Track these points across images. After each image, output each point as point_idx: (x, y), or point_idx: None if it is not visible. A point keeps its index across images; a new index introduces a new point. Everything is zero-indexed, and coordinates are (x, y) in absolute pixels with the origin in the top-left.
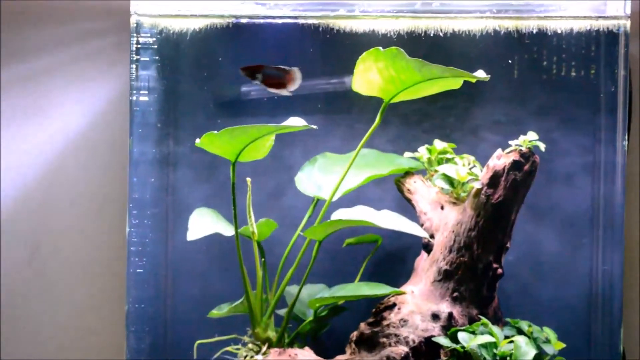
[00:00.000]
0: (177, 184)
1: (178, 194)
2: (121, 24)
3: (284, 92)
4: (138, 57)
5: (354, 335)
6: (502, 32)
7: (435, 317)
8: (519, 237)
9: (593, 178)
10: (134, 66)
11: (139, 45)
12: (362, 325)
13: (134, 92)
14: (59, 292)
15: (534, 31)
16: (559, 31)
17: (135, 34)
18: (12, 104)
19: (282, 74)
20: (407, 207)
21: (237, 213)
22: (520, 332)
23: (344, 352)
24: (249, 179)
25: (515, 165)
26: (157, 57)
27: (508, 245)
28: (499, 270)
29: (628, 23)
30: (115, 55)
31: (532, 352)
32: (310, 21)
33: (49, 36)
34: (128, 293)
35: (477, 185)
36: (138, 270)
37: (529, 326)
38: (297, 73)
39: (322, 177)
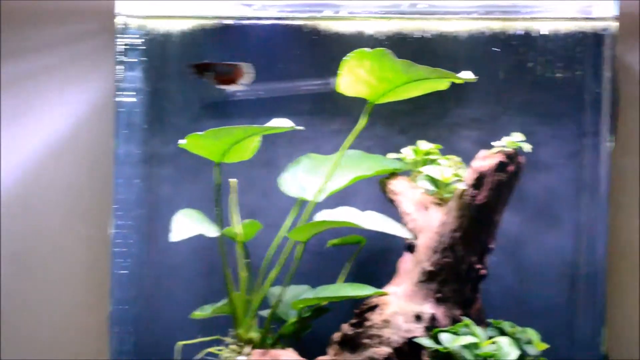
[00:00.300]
0: (162, 185)
1: (163, 195)
2: (108, 25)
3: (235, 87)
4: (124, 58)
5: (337, 336)
6: (489, 34)
7: (418, 318)
8: (503, 239)
9: (578, 179)
10: (119, 67)
11: (124, 47)
12: (345, 326)
13: (120, 93)
14: (44, 294)
15: (521, 32)
16: (546, 32)
17: (121, 35)
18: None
19: (231, 70)
20: (392, 208)
21: (221, 214)
22: (503, 333)
23: (326, 353)
24: (233, 180)
25: (500, 167)
26: (143, 58)
27: (492, 246)
28: (483, 271)
29: (615, 25)
30: (102, 56)
31: (515, 352)
32: (297, 22)
33: (37, 37)
34: (112, 294)
35: (461, 186)
36: (122, 271)
37: (512, 327)
38: (246, 68)
39: (307, 178)
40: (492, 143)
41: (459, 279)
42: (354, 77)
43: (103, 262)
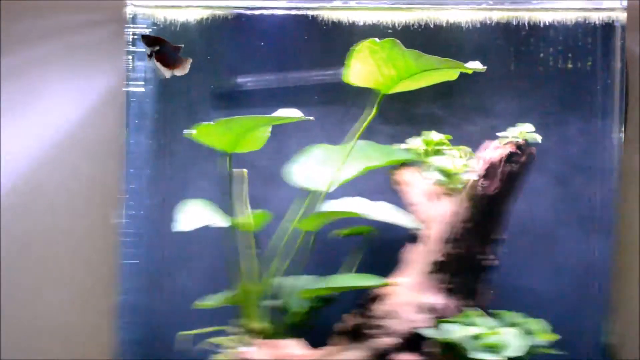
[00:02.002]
0: (173, 175)
1: (174, 185)
2: (118, 15)
3: (166, 72)
4: (134, 48)
5: (341, 326)
6: (499, 24)
7: (425, 308)
8: (512, 230)
9: (587, 170)
10: (129, 57)
11: (134, 36)
12: (349, 316)
13: (130, 83)
14: (53, 283)
15: (531, 23)
16: (556, 23)
17: (131, 25)
18: (8, 95)
19: (174, 56)
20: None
21: (231, 204)
22: (509, 323)
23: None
24: (245, 170)
25: (511, 157)
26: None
27: (502, 237)
28: (493, 262)
29: (624, 15)
30: (112, 46)
31: (521, 343)
32: (307, 12)
33: (47, 27)
34: (121, 284)
35: (473, 177)
36: (132, 261)
37: (518, 317)
38: (186, 63)
39: (317, 169)
40: (502, 133)
41: (468, 270)
42: (363, 68)
43: (112, 252)
